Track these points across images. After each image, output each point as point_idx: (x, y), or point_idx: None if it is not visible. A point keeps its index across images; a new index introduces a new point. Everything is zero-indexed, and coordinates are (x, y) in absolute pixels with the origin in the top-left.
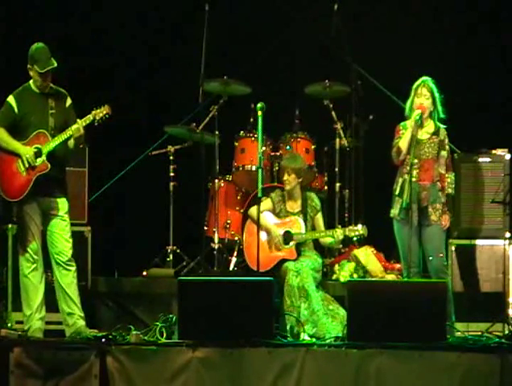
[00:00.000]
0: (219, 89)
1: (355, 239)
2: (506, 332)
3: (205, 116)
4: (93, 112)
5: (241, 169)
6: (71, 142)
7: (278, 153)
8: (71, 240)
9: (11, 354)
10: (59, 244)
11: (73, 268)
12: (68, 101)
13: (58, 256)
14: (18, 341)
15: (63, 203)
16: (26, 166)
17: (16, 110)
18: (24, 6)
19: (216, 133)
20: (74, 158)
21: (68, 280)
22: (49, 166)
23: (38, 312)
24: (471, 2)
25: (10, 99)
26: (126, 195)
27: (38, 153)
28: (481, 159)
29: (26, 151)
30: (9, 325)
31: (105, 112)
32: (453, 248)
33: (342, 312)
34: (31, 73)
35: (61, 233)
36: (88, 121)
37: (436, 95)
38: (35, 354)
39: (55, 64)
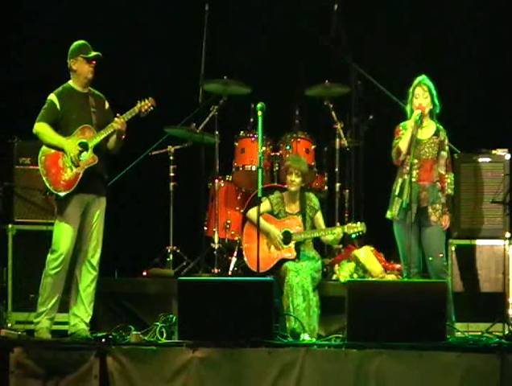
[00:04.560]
0: (219, 89)
1: (354, 236)
2: (506, 332)
3: (205, 116)
4: (138, 104)
5: (241, 169)
6: (112, 140)
7: (278, 154)
8: (101, 243)
9: (11, 354)
10: (91, 245)
11: (95, 273)
12: (107, 104)
13: (86, 254)
14: (18, 341)
15: (103, 203)
16: (70, 163)
17: (58, 107)
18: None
19: (216, 133)
20: None
21: (86, 282)
22: (97, 159)
23: (50, 312)
24: (470, 1)
25: (52, 97)
26: (126, 195)
27: (84, 147)
28: (480, 159)
29: (71, 149)
30: (9, 325)
31: (150, 104)
32: (453, 248)
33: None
34: (75, 67)
35: (96, 234)
36: (133, 114)
37: (434, 92)
38: (35, 354)
39: (100, 54)
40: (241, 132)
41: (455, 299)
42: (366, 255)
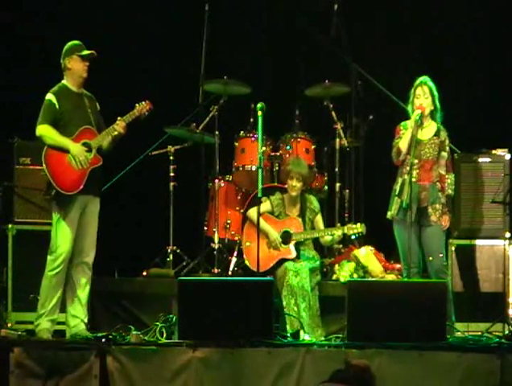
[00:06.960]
0: (219, 89)
1: (353, 237)
2: (506, 332)
3: (205, 116)
4: (137, 107)
5: (241, 169)
6: (107, 142)
7: (278, 154)
8: (95, 243)
9: (11, 354)
10: (86, 245)
11: (91, 273)
12: (98, 106)
13: (82, 255)
14: (18, 341)
15: (98, 203)
16: (79, 166)
17: (57, 106)
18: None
19: (216, 133)
20: None
21: (83, 282)
22: (101, 160)
23: (51, 314)
24: (470, 1)
25: (50, 96)
26: (126, 195)
27: (87, 148)
28: (480, 159)
29: (79, 153)
30: (9, 325)
31: (147, 107)
32: (453, 248)
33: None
34: (70, 65)
35: (92, 233)
36: (133, 116)
37: (435, 93)
38: (35, 354)
39: (95, 53)
40: (241, 132)
41: (455, 299)
42: (366, 255)
